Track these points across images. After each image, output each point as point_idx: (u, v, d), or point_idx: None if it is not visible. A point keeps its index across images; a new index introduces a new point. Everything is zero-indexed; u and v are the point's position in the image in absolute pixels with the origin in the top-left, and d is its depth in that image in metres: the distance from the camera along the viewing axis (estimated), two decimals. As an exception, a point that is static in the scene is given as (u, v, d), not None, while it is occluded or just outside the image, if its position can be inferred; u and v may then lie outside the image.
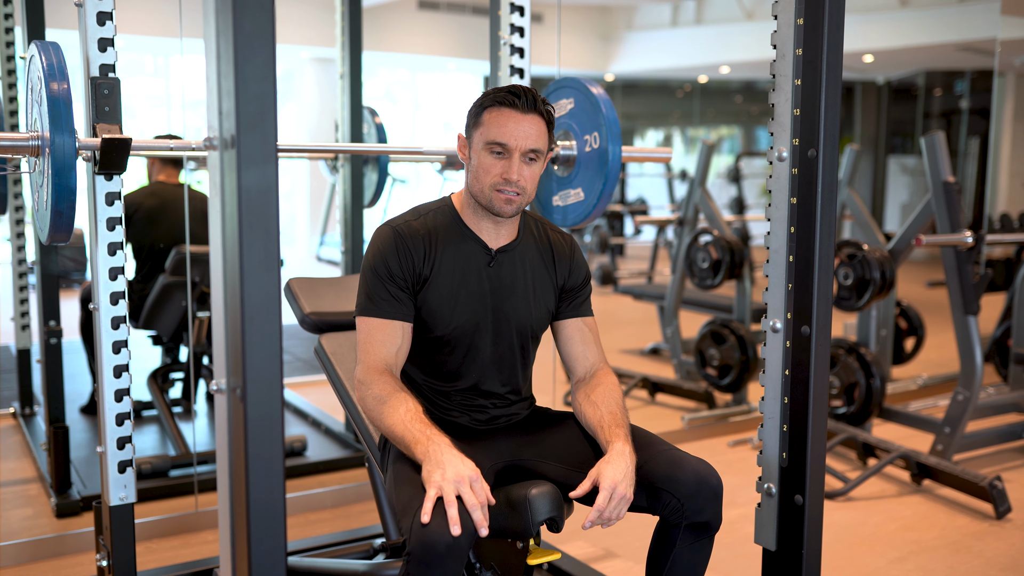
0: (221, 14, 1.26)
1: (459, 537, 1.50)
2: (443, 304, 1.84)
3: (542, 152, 1.84)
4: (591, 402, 1.87)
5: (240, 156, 1.26)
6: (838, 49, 1.81)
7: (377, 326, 1.82)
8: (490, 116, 1.82)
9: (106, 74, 2.07)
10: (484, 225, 1.89)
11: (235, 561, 1.38)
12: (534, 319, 1.92)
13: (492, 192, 1.82)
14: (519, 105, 1.80)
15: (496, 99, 1.82)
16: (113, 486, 2.20)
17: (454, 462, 1.59)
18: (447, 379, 1.91)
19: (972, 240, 3.56)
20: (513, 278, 1.90)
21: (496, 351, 1.90)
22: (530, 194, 1.85)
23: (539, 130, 1.82)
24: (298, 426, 4.09)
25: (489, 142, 1.81)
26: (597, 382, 1.93)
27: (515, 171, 1.80)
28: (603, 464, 1.72)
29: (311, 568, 2.39)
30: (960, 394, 3.71)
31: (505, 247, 1.91)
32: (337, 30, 3.71)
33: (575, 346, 1.98)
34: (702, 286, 4.63)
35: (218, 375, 1.39)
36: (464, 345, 1.87)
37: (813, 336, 1.86)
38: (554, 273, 1.96)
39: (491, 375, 1.91)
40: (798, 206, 1.86)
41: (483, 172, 1.82)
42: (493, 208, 1.83)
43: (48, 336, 3.33)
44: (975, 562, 2.86)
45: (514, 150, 1.80)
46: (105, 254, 2.14)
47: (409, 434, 1.67)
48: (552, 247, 1.98)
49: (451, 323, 1.85)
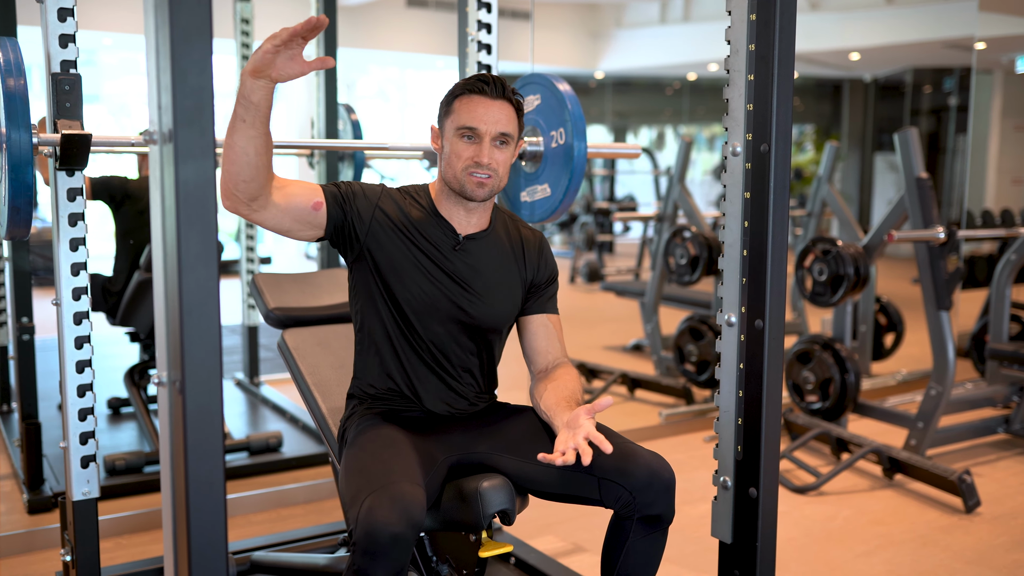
0: (159, 9, 1.27)
1: (403, 529, 1.51)
2: (402, 264, 1.87)
3: (512, 137, 1.89)
4: (549, 390, 1.89)
5: (177, 150, 1.26)
6: (790, 45, 1.82)
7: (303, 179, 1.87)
8: (460, 103, 1.88)
9: (67, 70, 2.08)
10: (456, 211, 1.93)
11: (176, 555, 1.39)
12: (498, 310, 1.94)
13: (464, 176, 1.86)
14: (488, 91, 1.86)
15: (466, 87, 1.88)
16: (76, 481, 2.20)
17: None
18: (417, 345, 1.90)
19: (944, 236, 3.58)
20: (478, 265, 1.93)
21: (459, 331, 1.91)
22: (502, 178, 1.89)
23: (508, 115, 1.88)
24: (276, 422, 4.10)
25: (460, 127, 1.86)
26: (558, 374, 1.94)
27: (486, 154, 1.85)
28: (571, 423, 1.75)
29: (276, 562, 2.41)
30: (933, 389, 3.73)
31: (474, 235, 1.94)
32: (312, 27, 3.71)
33: (539, 341, 2.00)
34: (680, 282, 4.64)
35: (160, 368, 1.40)
36: (427, 317, 1.88)
37: (766, 330, 1.88)
38: (523, 268, 1.99)
39: (458, 348, 1.92)
40: (751, 201, 1.88)
41: (455, 157, 1.87)
42: (466, 192, 1.87)
43: (20, 333, 3.33)
44: (941, 555, 2.88)
45: (484, 134, 1.85)
46: (67, 249, 2.14)
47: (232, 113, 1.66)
48: (523, 242, 2.01)
49: (409, 287, 1.87)
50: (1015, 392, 4.17)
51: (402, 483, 1.59)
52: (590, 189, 10.88)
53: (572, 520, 3.07)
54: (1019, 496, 3.42)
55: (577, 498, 1.80)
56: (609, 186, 11.13)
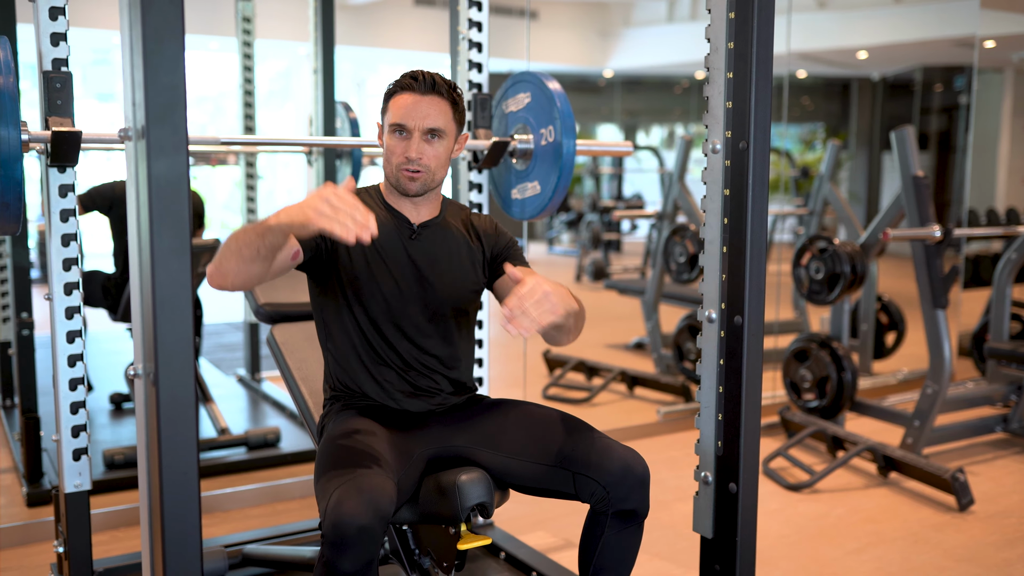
0: (132, 7, 1.29)
1: (370, 520, 1.53)
2: (366, 269, 1.90)
3: (444, 131, 1.91)
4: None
5: (150, 146, 1.29)
6: (768, 42, 1.83)
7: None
8: (393, 101, 1.92)
9: (58, 68, 2.11)
10: (404, 204, 1.98)
11: (152, 545, 1.41)
12: (460, 289, 1.97)
13: (398, 172, 1.91)
14: (416, 88, 1.89)
15: (398, 84, 1.92)
16: (68, 474, 2.24)
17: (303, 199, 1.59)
18: (377, 359, 1.93)
19: (940, 234, 3.57)
20: (436, 250, 1.97)
21: (427, 318, 1.94)
22: (434, 171, 1.92)
23: (439, 110, 1.90)
24: (275, 418, 4.13)
25: (391, 125, 1.91)
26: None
27: (414, 149, 1.88)
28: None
29: (265, 555, 2.44)
30: (929, 387, 3.73)
31: (427, 222, 1.99)
32: (310, 26, 3.74)
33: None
34: (679, 280, 4.65)
35: (136, 360, 1.42)
36: (395, 313, 1.91)
37: (745, 326, 1.88)
38: (480, 248, 2.03)
39: (426, 343, 1.94)
40: (731, 198, 1.89)
41: (390, 153, 1.92)
42: (400, 186, 1.92)
43: (20, 328, 3.37)
44: (932, 553, 2.88)
45: (413, 129, 1.88)
46: (59, 245, 2.17)
47: (256, 230, 1.64)
48: (474, 225, 2.05)
49: (377, 289, 1.90)
50: (1013, 391, 4.16)
51: (370, 475, 1.61)
52: (597, 188, 10.89)
53: (563, 516, 3.09)
54: (1014, 495, 3.42)
55: (553, 492, 1.82)
56: (617, 185, 11.13)
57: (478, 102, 2.69)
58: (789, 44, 4.76)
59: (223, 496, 3.20)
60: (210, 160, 6.14)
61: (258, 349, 4.73)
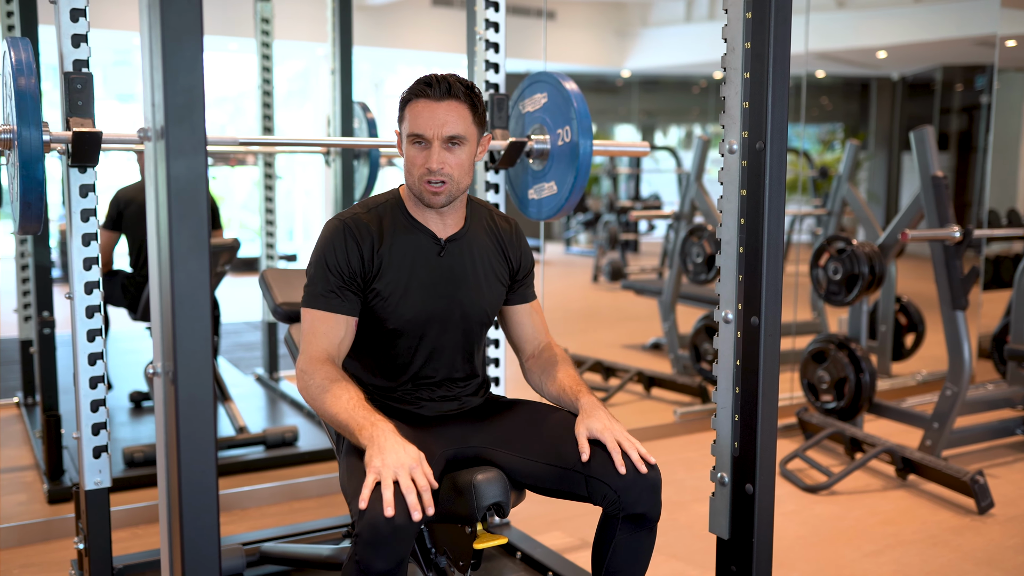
0: (152, 8, 1.31)
1: (404, 521, 1.54)
2: (395, 295, 1.87)
3: (464, 137, 1.84)
4: (549, 375, 1.98)
5: (169, 147, 1.30)
6: (785, 43, 1.83)
7: (321, 318, 1.84)
8: (409, 109, 1.85)
9: (79, 69, 2.13)
10: (430, 216, 1.92)
11: (171, 542, 1.42)
12: (486, 304, 1.96)
13: (421, 184, 1.84)
14: (432, 94, 1.82)
15: (413, 91, 1.85)
16: (88, 471, 2.26)
17: (395, 448, 1.62)
18: (397, 370, 1.94)
19: (960, 235, 3.55)
20: (464, 266, 1.93)
21: (447, 339, 1.93)
22: (458, 180, 1.85)
23: (458, 115, 1.83)
24: (293, 417, 4.15)
25: (410, 135, 1.84)
26: (550, 356, 2.02)
27: (435, 159, 1.81)
28: (584, 421, 1.81)
29: (283, 553, 2.45)
30: (948, 389, 3.70)
31: (454, 236, 1.94)
32: (328, 26, 3.76)
33: (526, 329, 2.06)
34: (696, 280, 4.64)
35: (156, 359, 1.43)
36: (416, 335, 1.91)
37: (762, 327, 1.88)
38: (506, 259, 2.01)
39: (441, 363, 1.95)
40: (747, 198, 1.88)
41: (411, 164, 1.85)
42: (424, 200, 1.86)
43: (42, 326, 3.40)
44: (951, 556, 2.86)
45: (432, 139, 1.82)
46: (79, 244, 2.19)
47: (353, 421, 1.69)
48: (499, 233, 2.01)
49: (404, 314, 1.88)
50: (1034, 393, 4.13)
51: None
52: (614, 188, 10.87)
53: (579, 516, 3.09)
54: (1034, 498, 3.39)
55: (567, 494, 1.82)
56: (634, 185, 11.11)
57: (495, 102, 2.69)
58: (807, 44, 4.74)
59: (241, 494, 3.22)
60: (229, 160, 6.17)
61: (276, 348, 4.75)
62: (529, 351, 2.05)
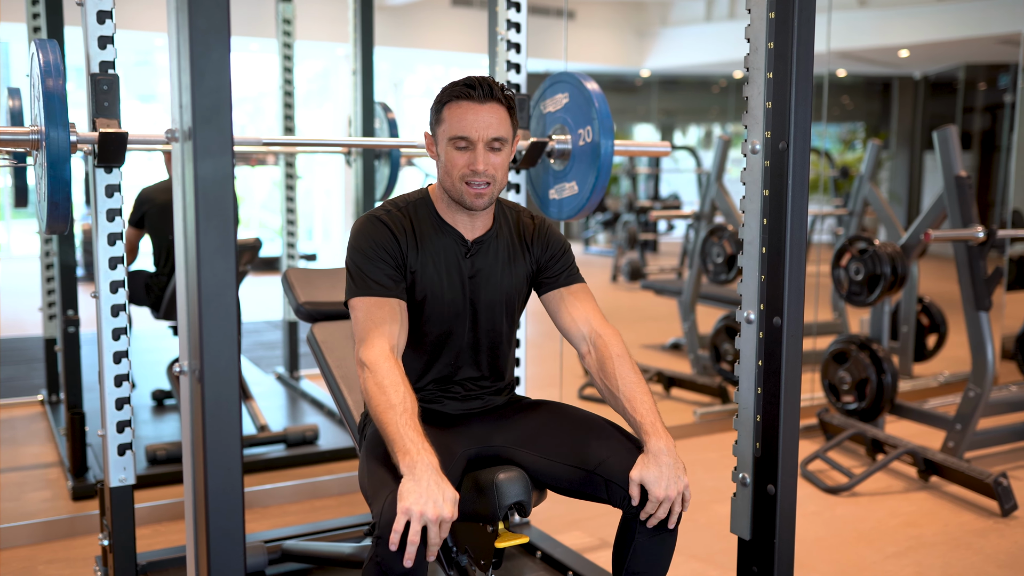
0: (179, 11, 1.32)
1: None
2: (426, 296, 1.88)
3: (506, 139, 1.85)
4: (613, 384, 1.86)
5: (196, 147, 1.31)
6: (808, 42, 1.82)
7: (376, 304, 1.81)
8: (450, 111, 1.84)
9: (105, 71, 2.15)
10: (459, 218, 1.92)
11: (196, 543, 1.44)
12: (511, 304, 1.97)
13: (462, 186, 1.84)
14: (475, 96, 1.81)
15: (453, 93, 1.83)
16: (113, 468, 2.28)
17: (434, 493, 1.56)
18: (422, 369, 1.95)
19: (983, 235, 3.52)
20: (491, 267, 1.93)
21: (473, 338, 1.94)
22: (500, 182, 1.86)
23: (499, 117, 1.83)
24: (313, 416, 4.17)
25: (452, 137, 1.83)
26: (604, 352, 1.89)
27: (481, 162, 1.81)
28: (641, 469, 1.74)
29: (304, 551, 2.47)
30: (971, 391, 3.68)
31: (481, 237, 1.93)
32: (349, 27, 3.78)
33: (564, 315, 1.96)
34: (716, 280, 4.63)
35: (182, 358, 1.45)
36: (442, 335, 1.92)
37: (784, 327, 1.88)
38: (529, 255, 1.99)
39: (467, 361, 1.95)
40: (770, 198, 1.88)
41: (451, 166, 1.84)
42: (464, 202, 1.85)
43: (66, 325, 3.44)
44: (974, 559, 2.85)
45: (477, 141, 1.81)
46: (105, 244, 2.22)
47: (400, 440, 1.63)
48: (523, 231, 2.00)
49: (433, 314, 1.89)
50: (1059, 395, 4.09)
51: None
52: (634, 188, 10.85)
53: (599, 516, 3.09)
54: (1059, 500, 3.36)
55: (587, 495, 1.82)
56: (654, 185, 11.09)
57: (516, 103, 2.70)
58: (829, 43, 4.72)
59: (262, 492, 3.25)
60: (250, 160, 6.21)
61: (297, 347, 4.78)
62: (576, 334, 1.95)
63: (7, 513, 3.03)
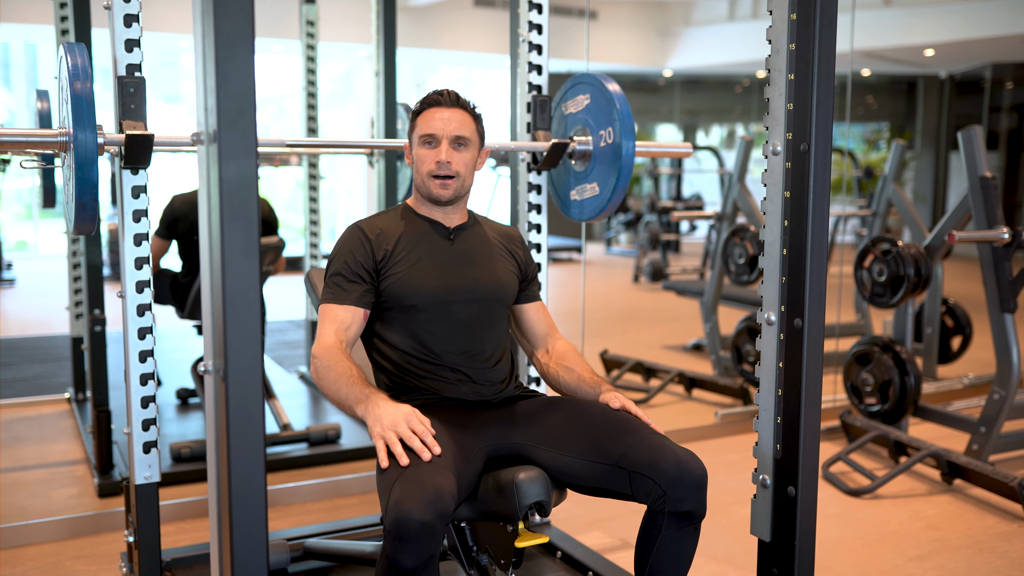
0: (205, 16, 1.34)
1: (431, 518, 1.56)
2: (409, 272, 2.01)
3: (470, 140, 2.05)
4: (564, 368, 2.12)
5: (221, 150, 1.33)
6: (830, 44, 1.82)
7: (332, 310, 2.00)
8: (421, 118, 2.06)
9: (132, 73, 2.18)
10: (435, 212, 2.11)
11: (220, 540, 1.46)
12: (503, 283, 2.10)
13: (429, 179, 2.04)
14: (443, 102, 2.05)
15: (425, 102, 2.07)
16: (138, 465, 2.31)
17: (388, 409, 1.75)
18: (426, 351, 1.99)
19: (1008, 236, 3.49)
20: (474, 249, 2.10)
21: (471, 313, 2.03)
22: (464, 178, 2.06)
23: (463, 120, 2.05)
24: (335, 415, 4.20)
25: (421, 136, 2.05)
26: (563, 350, 2.17)
27: (444, 153, 2.02)
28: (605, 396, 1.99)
29: (326, 549, 2.49)
30: (996, 393, 3.65)
31: (461, 226, 2.13)
32: (372, 28, 3.80)
33: (536, 326, 2.21)
34: (738, 281, 4.61)
35: (207, 357, 1.47)
36: (438, 310, 2.00)
37: (805, 329, 1.87)
38: (514, 256, 2.18)
39: (471, 337, 2.02)
40: (791, 200, 1.88)
41: (420, 163, 2.05)
42: (432, 195, 2.05)
43: (93, 324, 3.48)
44: (998, 562, 2.83)
45: (442, 137, 2.03)
46: (131, 244, 2.24)
47: (351, 396, 1.82)
48: (509, 238, 2.21)
49: (420, 288, 2.00)
50: (1086, 398, 4.04)
51: (432, 472, 1.64)
52: (655, 188, 10.83)
53: (620, 517, 3.09)
54: (1085, 504, 3.33)
55: (610, 492, 1.83)
56: (676, 185, 11.07)
57: (538, 104, 2.71)
58: (852, 42, 4.69)
59: (285, 491, 3.27)
60: (273, 161, 6.25)
61: (319, 347, 4.80)
62: (540, 346, 2.20)
63: (35, 509, 3.07)
